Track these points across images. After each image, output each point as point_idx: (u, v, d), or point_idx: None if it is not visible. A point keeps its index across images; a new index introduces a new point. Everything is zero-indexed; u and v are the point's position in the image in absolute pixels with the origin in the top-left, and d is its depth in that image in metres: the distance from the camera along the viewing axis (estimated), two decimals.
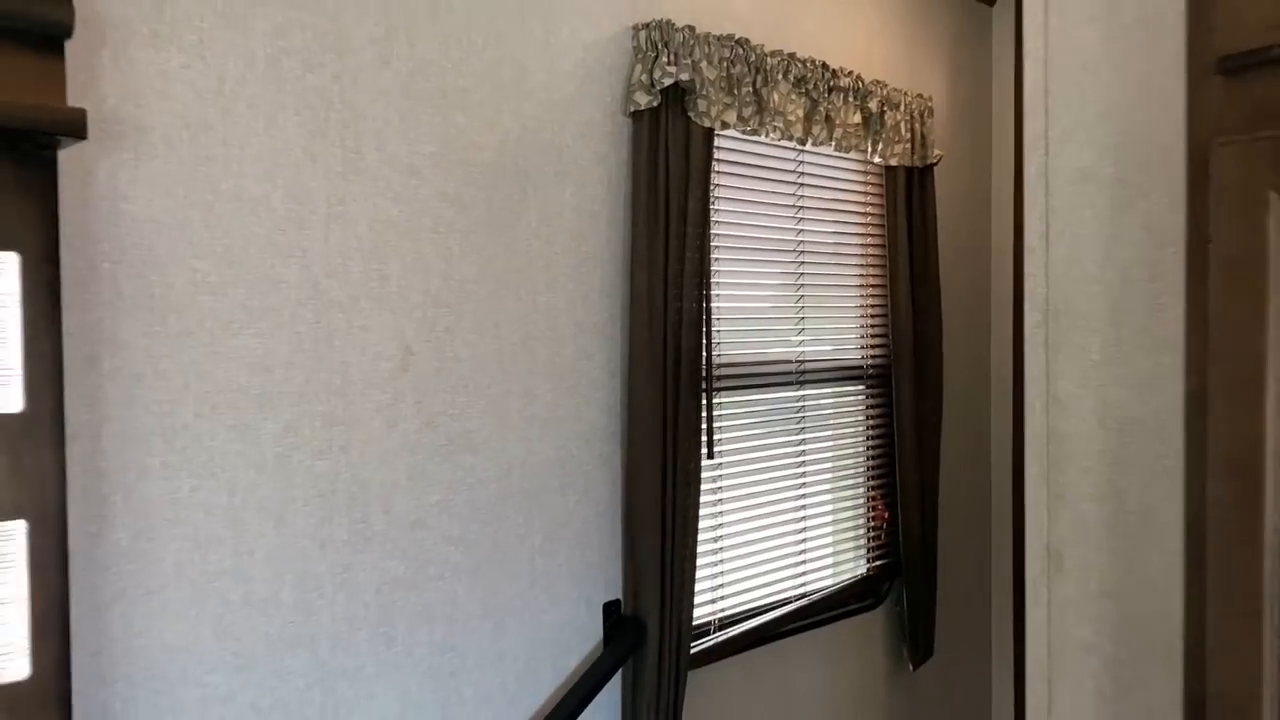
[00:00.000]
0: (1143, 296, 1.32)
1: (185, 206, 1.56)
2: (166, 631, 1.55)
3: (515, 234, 2.00)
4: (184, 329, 1.57)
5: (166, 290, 1.55)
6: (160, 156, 1.54)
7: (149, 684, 1.54)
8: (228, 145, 1.61)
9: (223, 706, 1.61)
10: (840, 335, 2.82)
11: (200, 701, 1.59)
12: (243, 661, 1.63)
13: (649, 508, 2.17)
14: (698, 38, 2.25)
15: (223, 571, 1.61)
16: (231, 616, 1.62)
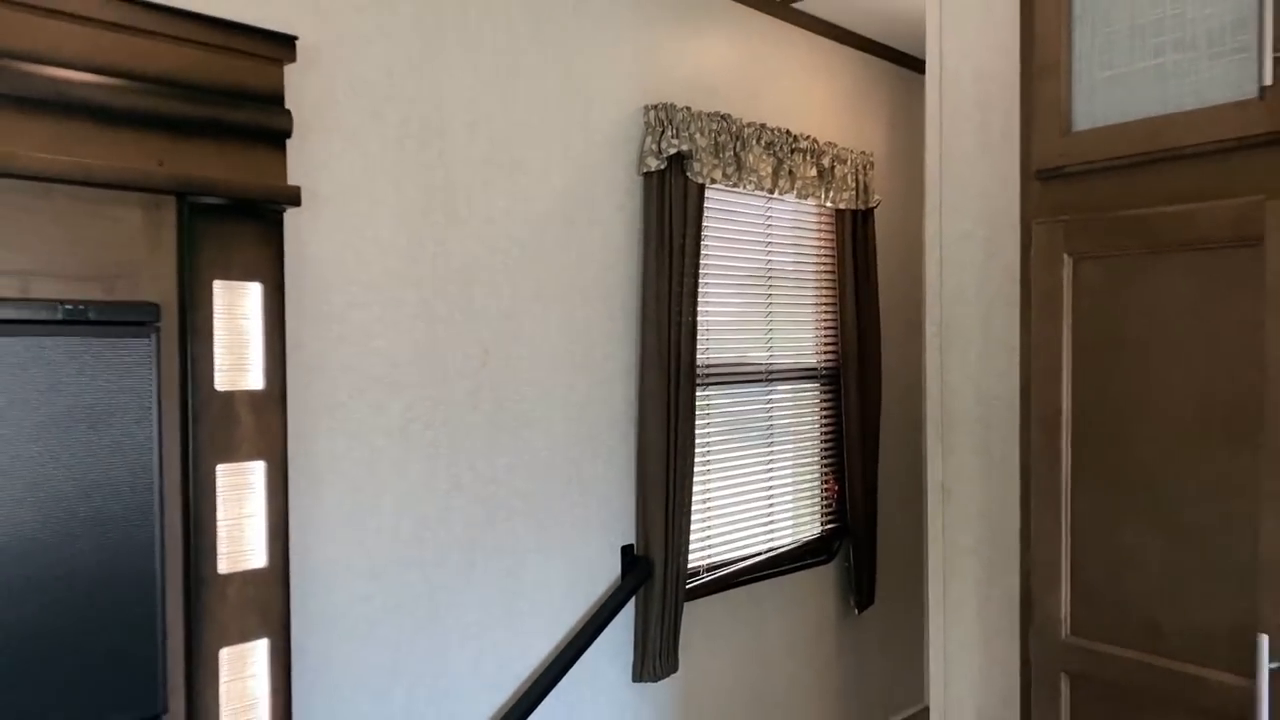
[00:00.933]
0: (1000, 317, 1.97)
1: (342, 249, 2.17)
2: (329, 547, 2.15)
3: (560, 266, 2.63)
4: (341, 335, 2.17)
5: (330, 307, 2.15)
6: (326, 214, 2.14)
7: (318, 584, 2.13)
8: (370, 204, 2.22)
9: (364, 604, 2.21)
10: (799, 343, 3.46)
11: (348, 600, 2.19)
12: (376, 573, 2.23)
13: (656, 473, 2.80)
14: (693, 115, 2.89)
15: (362, 508, 2.21)
16: (370, 541, 2.22)
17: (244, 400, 1.84)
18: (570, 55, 2.65)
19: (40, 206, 1.62)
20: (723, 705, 3.14)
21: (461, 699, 2.40)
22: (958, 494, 2.05)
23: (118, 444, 1.66)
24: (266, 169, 1.89)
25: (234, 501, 1.83)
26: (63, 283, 1.64)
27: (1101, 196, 1.66)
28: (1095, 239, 1.66)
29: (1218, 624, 1.51)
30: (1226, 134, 1.50)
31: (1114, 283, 1.64)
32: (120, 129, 1.69)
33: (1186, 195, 1.56)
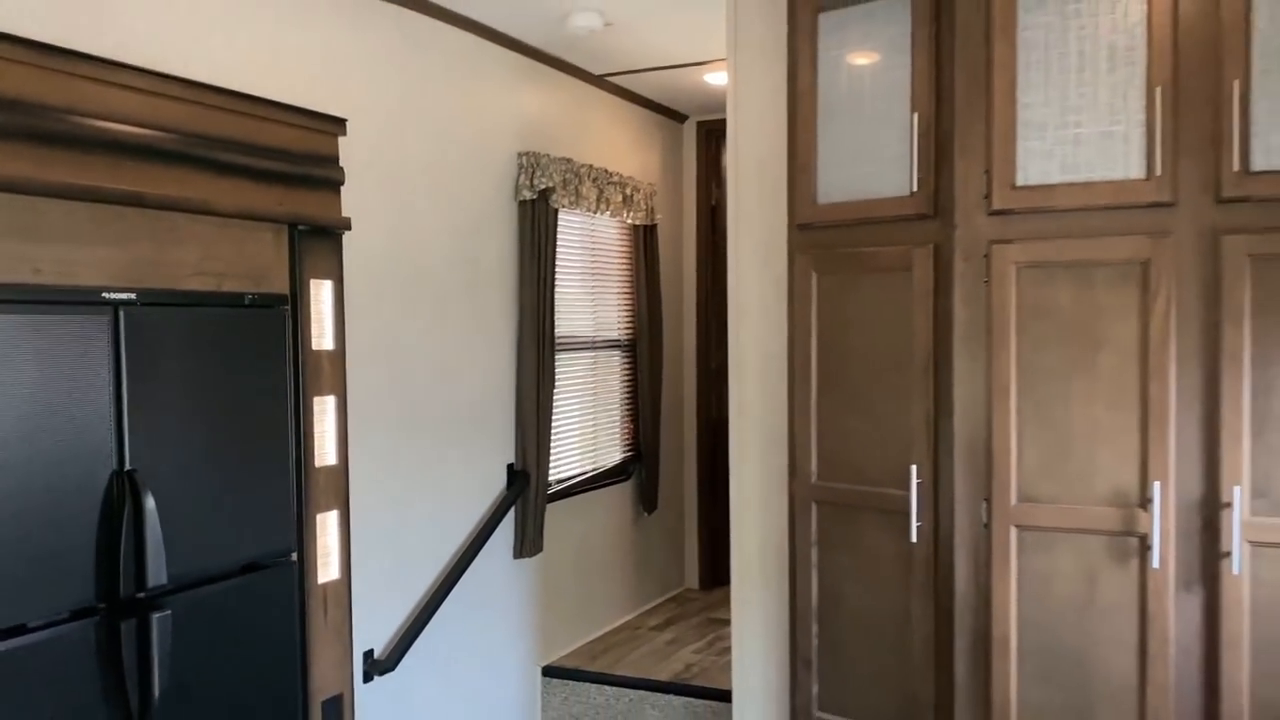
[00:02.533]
0: (773, 305, 3.26)
1: (353, 258, 3.12)
2: (360, 453, 3.11)
3: (471, 272, 3.68)
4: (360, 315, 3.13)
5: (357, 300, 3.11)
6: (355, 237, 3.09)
7: (355, 476, 3.09)
8: (367, 226, 3.18)
9: (375, 490, 3.19)
10: (610, 321, 4.68)
11: (367, 486, 3.16)
12: (382, 472, 3.21)
13: (529, 413, 3.92)
14: (551, 160, 4.02)
15: (374, 431, 3.18)
16: (376, 450, 3.20)
17: (324, 356, 2.80)
18: (470, 114, 3.71)
19: (224, 234, 2.52)
20: (567, 575, 4.32)
21: (421, 557, 3.44)
22: (747, 410, 3.34)
23: (268, 378, 2.59)
24: (331, 206, 2.84)
25: (320, 421, 2.79)
26: (235, 280, 2.55)
27: (833, 240, 2.97)
28: (829, 264, 2.98)
29: (892, 463, 2.86)
30: (895, 212, 2.84)
31: (839, 288, 2.96)
32: (260, 183, 2.61)
33: (876, 242, 2.89)
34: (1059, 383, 2.58)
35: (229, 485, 2.49)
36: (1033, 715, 2.62)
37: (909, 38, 2.78)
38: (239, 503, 2.52)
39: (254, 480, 2.56)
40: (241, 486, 2.52)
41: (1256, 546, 2.41)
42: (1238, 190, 2.40)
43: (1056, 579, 2.59)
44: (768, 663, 3.32)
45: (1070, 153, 2.57)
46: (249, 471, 2.54)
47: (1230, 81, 2.41)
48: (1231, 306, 2.42)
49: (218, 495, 2.45)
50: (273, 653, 2.60)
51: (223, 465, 2.47)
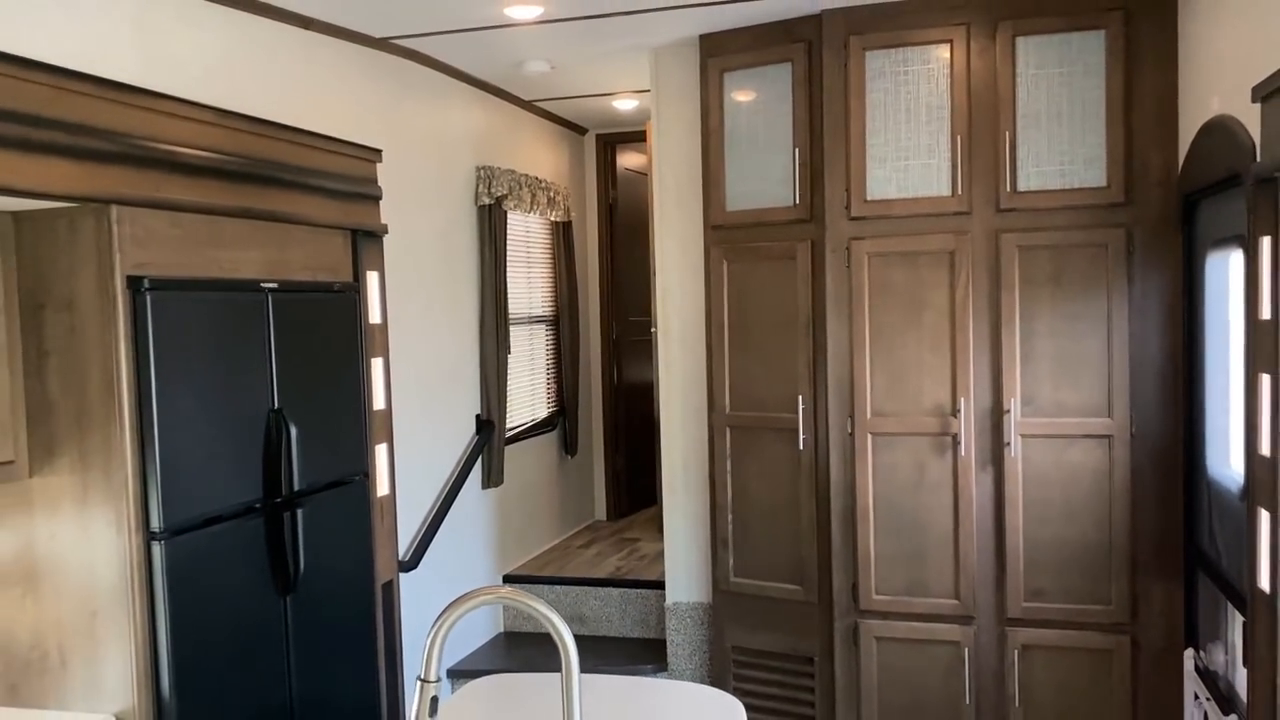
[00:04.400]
0: (691, 284, 4.31)
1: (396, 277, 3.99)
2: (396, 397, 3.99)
3: (448, 264, 4.59)
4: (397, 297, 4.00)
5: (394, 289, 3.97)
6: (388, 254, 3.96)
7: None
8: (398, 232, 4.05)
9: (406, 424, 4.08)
10: (540, 300, 5.65)
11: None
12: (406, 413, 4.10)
13: (491, 370, 4.86)
14: (501, 171, 4.95)
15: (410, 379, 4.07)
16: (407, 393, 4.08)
17: (375, 328, 3.68)
18: (443, 138, 4.61)
19: (316, 239, 3.38)
20: (517, 501, 5.28)
21: (426, 485, 4.35)
22: (673, 364, 4.41)
23: (347, 344, 3.47)
24: (375, 216, 3.72)
25: (374, 375, 3.67)
26: (324, 272, 3.41)
27: (739, 237, 4.05)
28: (736, 255, 4.06)
29: (784, 395, 3.97)
30: (784, 218, 3.94)
31: (743, 271, 4.05)
32: (334, 199, 3.48)
33: (770, 239, 3.99)
34: (898, 334, 3.75)
35: (330, 421, 3.35)
36: (885, 561, 3.80)
37: (790, 94, 3.88)
38: (336, 434, 3.39)
39: (342, 418, 3.43)
40: (337, 422, 3.40)
41: (1025, 437, 3.63)
42: (1010, 203, 3.62)
43: (898, 468, 3.77)
44: (691, 548, 4.40)
45: (903, 177, 3.74)
46: (339, 412, 3.42)
47: (1004, 131, 3.61)
48: (1006, 282, 3.63)
49: (325, 428, 3.32)
50: (356, 546, 3.49)
51: (326, 407, 3.33)
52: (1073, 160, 3.55)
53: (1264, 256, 2.28)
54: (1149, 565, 3.53)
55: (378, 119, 4.09)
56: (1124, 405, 3.52)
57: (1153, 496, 3.52)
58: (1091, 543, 3.58)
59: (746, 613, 4.10)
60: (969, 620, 3.71)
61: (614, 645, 4.74)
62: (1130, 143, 3.49)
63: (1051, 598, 3.63)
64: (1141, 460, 3.52)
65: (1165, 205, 3.46)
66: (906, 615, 3.78)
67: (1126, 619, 3.55)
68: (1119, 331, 3.51)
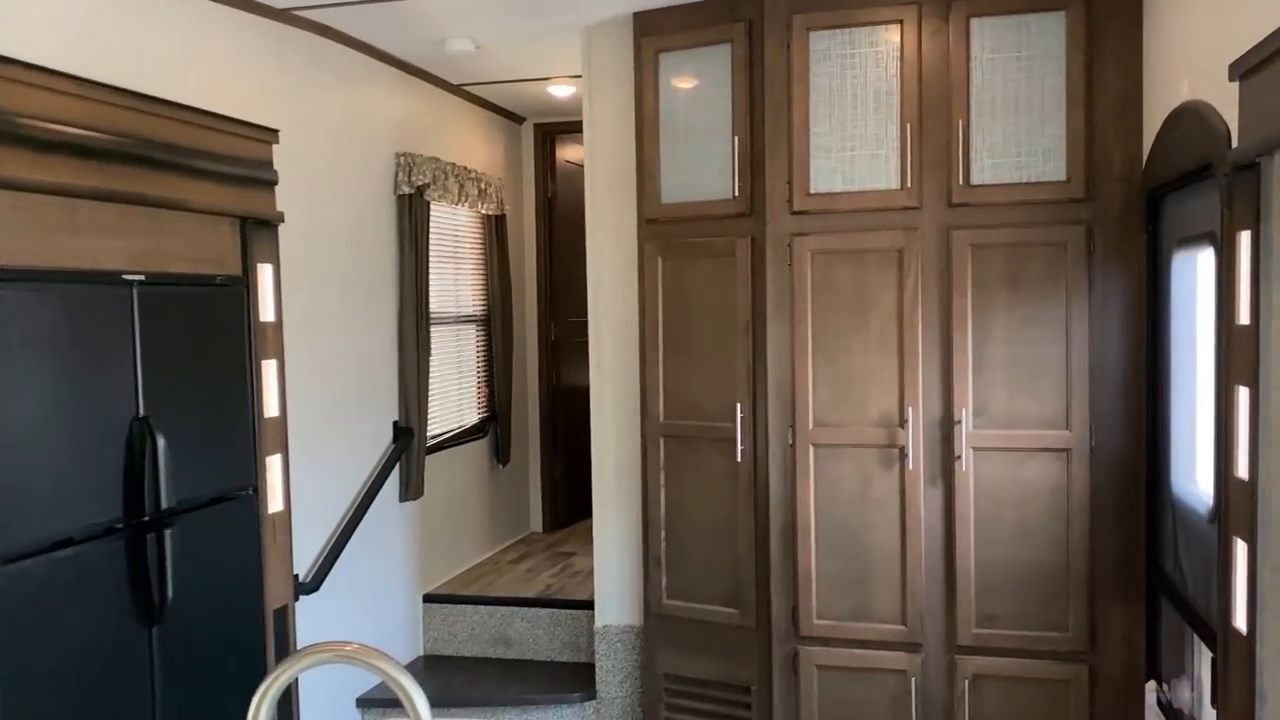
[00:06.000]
0: (624, 282, 4.03)
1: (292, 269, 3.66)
2: (295, 402, 3.66)
3: (362, 257, 4.26)
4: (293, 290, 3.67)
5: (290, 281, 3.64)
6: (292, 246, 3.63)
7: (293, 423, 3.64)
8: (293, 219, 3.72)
9: (307, 431, 3.75)
10: (469, 299, 5.33)
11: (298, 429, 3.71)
12: (307, 416, 3.77)
13: (411, 373, 4.53)
14: (424, 159, 4.63)
15: (311, 379, 3.73)
16: (308, 397, 3.75)
17: (268, 327, 3.35)
18: (358, 121, 4.29)
19: (198, 227, 3.05)
20: (441, 514, 4.96)
21: (333, 498, 4.02)
22: (604, 367, 4.11)
23: (232, 344, 3.14)
24: (269, 203, 3.39)
25: (266, 379, 3.34)
26: (207, 264, 3.08)
27: (674, 232, 3.77)
28: (671, 251, 3.78)
29: (722, 402, 3.70)
30: (722, 211, 3.67)
31: (679, 269, 3.77)
32: (222, 184, 3.14)
33: (708, 234, 3.71)
34: (842, 338, 3.49)
35: (209, 430, 3.03)
36: (827, 581, 3.53)
37: (730, 77, 3.61)
38: (215, 445, 3.06)
39: (224, 427, 3.10)
40: (216, 432, 3.07)
41: (977, 450, 3.39)
42: (962, 198, 3.37)
43: (842, 481, 3.51)
44: (623, 567, 4.12)
45: (849, 169, 3.48)
46: (221, 420, 3.09)
47: (957, 120, 3.36)
48: (958, 282, 3.38)
49: (202, 438, 2.99)
50: (241, 568, 3.16)
51: (205, 414, 3.01)
52: (1030, 152, 3.31)
53: (1241, 254, 2.04)
54: (1109, 589, 3.30)
55: (283, 99, 3.76)
56: (1083, 416, 3.29)
57: (1113, 515, 3.29)
58: (1047, 565, 3.34)
59: (680, 637, 3.82)
60: (916, 648, 3.46)
61: (541, 671, 4.44)
62: (1091, 134, 3.26)
63: (1004, 624, 3.39)
64: (1101, 476, 3.29)
65: (1128, 201, 3.23)
66: (849, 642, 3.52)
67: (1084, 647, 3.32)
68: (1078, 337, 3.28)
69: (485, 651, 4.61)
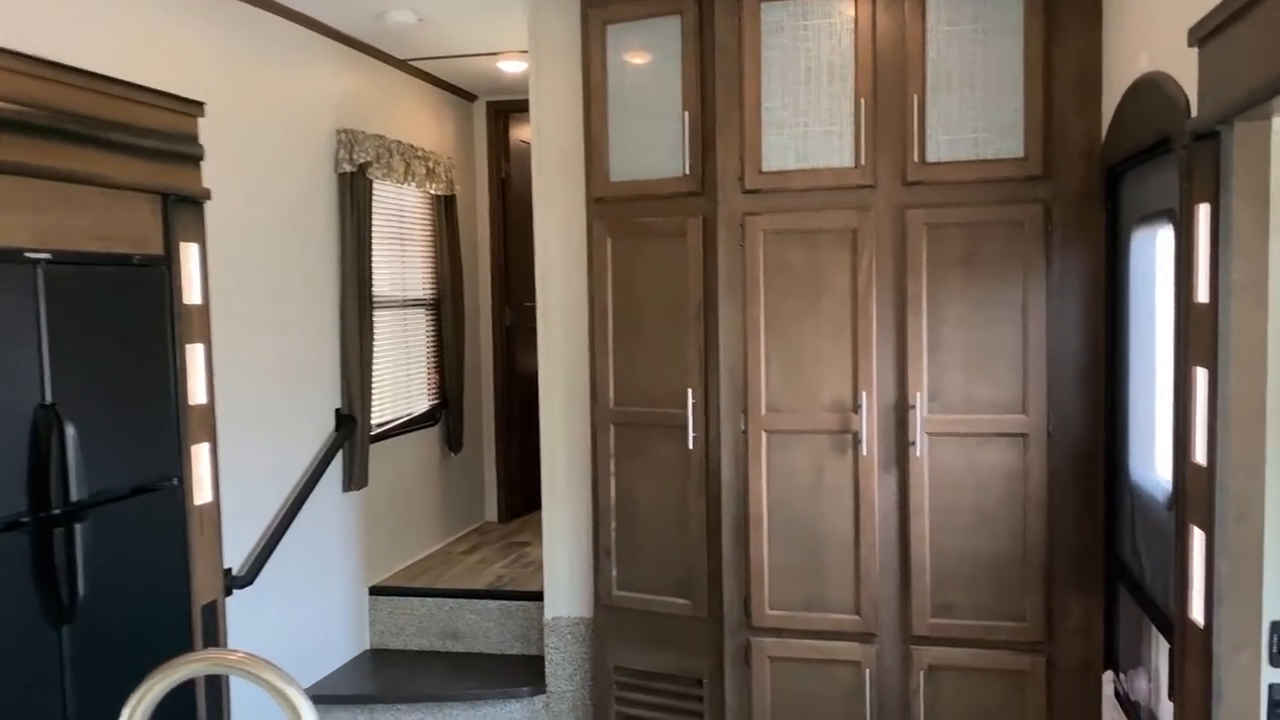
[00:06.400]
0: (574, 265, 3.90)
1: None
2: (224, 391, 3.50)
3: (301, 238, 4.10)
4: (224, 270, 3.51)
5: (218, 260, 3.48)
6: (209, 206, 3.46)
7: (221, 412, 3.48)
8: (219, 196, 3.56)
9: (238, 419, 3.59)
10: (417, 282, 5.18)
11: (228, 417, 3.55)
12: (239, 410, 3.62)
13: (353, 359, 4.38)
14: (366, 136, 4.47)
15: (238, 367, 3.58)
16: (237, 386, 3.60)
17: (193, 310, 3.19)
18: (297, 96, 4.12)
19: (114, 203, 2.88)
20: (388, 507, 4.82)
21: (269, 488, 3.87)
22: (554, 352, 3.99)
23: (152, 328, 2.99)
24: (195, 179, 3.23)
25: (191, 365, 3.19)
26: (123, 243, 2.92)
27: (624, 211, 3.65)
28: (621, 231, 3.65)
29: (673, 388, 3.58)
30: (672, 190, 3.54)
31: (629, 250, 3.65)
32: (141, 159, 2.98)
33: (658, 213, 3.59)
34: (795, 321, 3.39)
35: (126, 419, 2.87)
36: (780, 570, 3.44)
37: (680, 50, 3.48)
38: (134, 434, 2.91)
39: (145, 415, 2.95)
40: (135, 420, 2.91)
41: (932, 436, 3.30)
42: (917, 175, 3.27)
43: (795, 469, 3.41)
44: (572, 557, 4.00)
45: (802, 145, 3.37)
46: (141, 407, 2.93)
47: (912, 95, 3.26)
48: (913, 263, 3.28)
49: (118, 427, 2.84)
50: (164, 563, 3.01)
51: (121, 401, 2.85)
52: (987, 128, 3.21)
53: (1201, 228, 1.94)
54: (1066, 578, 3.22)
55: (212, 71, 3.60)
56: (1040, 401, 3.20)
57: (1071, 502, 3.21)
58: (1004, 553, 3.26)
59: (631, 629, 3.71)
60: (871, 638, 3.37)
61: (491, 664, 4.32)
62: (1050, 109, 3.16)
63: (960, 613, 3.30)
64: (1059, 462, 3.21)
65: (1087, 178, 3.14)
66: (803, 632, 3.43)
67: (1042, 637, 3.24)
68: (1035, 319, 3.19)
69: (433, 645, 4.48)
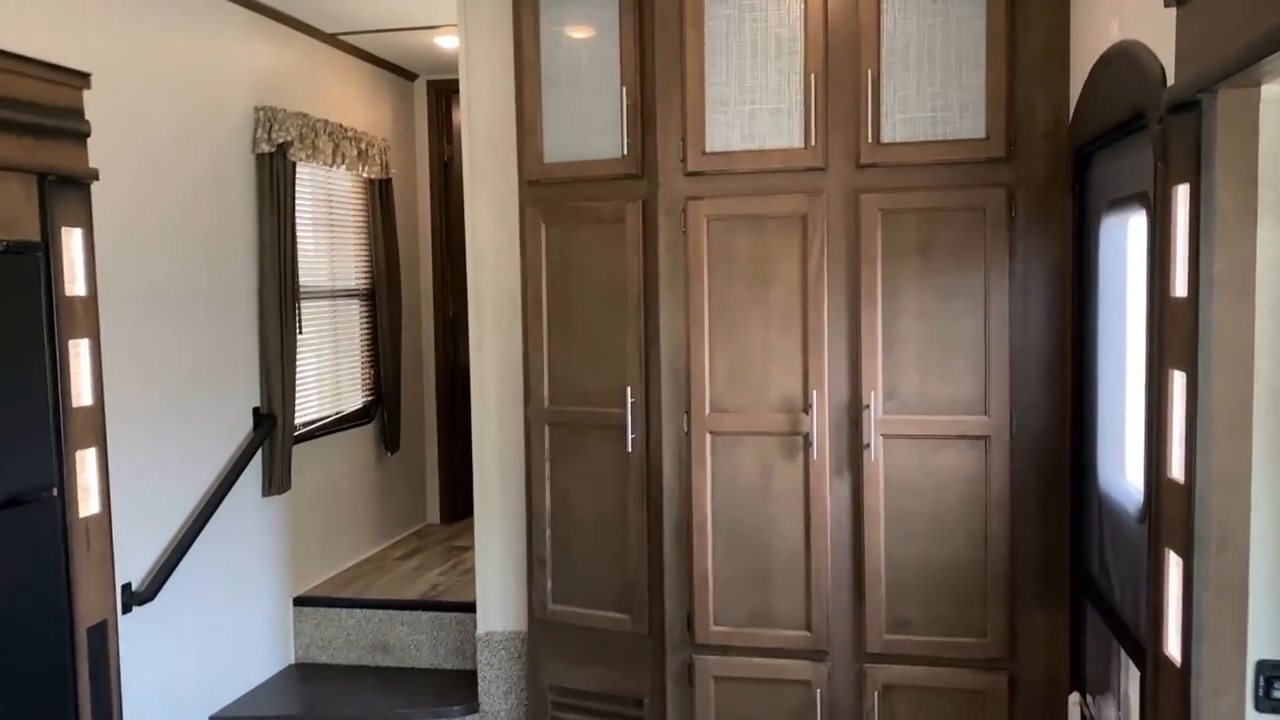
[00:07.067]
0: (506, 253, 3.64)
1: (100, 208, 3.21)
2: (119, 391, 3.22)
3: (212, 221, 3.81)
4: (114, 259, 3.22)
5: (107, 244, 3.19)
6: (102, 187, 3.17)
7: (113, 411, 3.19)
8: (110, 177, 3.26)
9: (133, 426, 3.30)
10: (349, 271, 4.89)
11: (124, 425, 3.27)
12: (139, 410, 3.33)
13: (274, 354, 4.10)
14: (288, 114, 4.17)
15: (137, 365, 3.29)
16: (135, 387, 3.31)
17: (77, 301, 2.90)
18: (207, 69, 3.82)
19: None
20: (315, 511, 4.54)
21: (175, 494, 3.59)
22: (486, 345, 3.73)
23: (24, 322, 2.70)
24: (79, 157, 2.93)
25: (75, 363, 2.90)
26: None
27: (559, 195, 3.39)
28: (556, 216, 3.40)
29: (611, 386, 3.33)
30: (610, 172, 3.29)
31: (564, 236, 3.39)
32: (8, 134, 2.69)
33: (596, 197, 3.33)
34: (741, 313, 3.15)
35: None
36: (725, 583, 3.21)
37: (618, 20, 3.22)
38: (3, 440, 2.63)
39: (13, 420, 2.66)
40: (4, 425, 2.63)
41: (887, 438, 3.08)
42: (871, 157, 3.04)
43: (741, 472, 3.18)
44: (505, 568, 3.76)
45: (748, 124, 3.12)
46: (8, 411, 2.65)
47: (866, 70, 3.02)
48: (867, 251, 3.06)
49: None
50: (38, 581, 2.73)
51: None
52: (946, 106, 2.99)
53: (1178, 213, 1.72)
54: (1030, 591, 3.02)
55: (103, 39, 3.32)
56: (1003, 400, 2.99)
57: (1035, 510, 3.00)
58: (964, 564, 3.05)
59: (567, 645, 3.47)
60: (822, 656, 3.16)
61: (422, 680, 4.07)
62: (1013, 86, 2.94)
63: (918, 629, 3.09)
64: (1023, 466, 3.00)
65: (1053, 160, 2.93)
66: (750, 650, 3.21)
67: (1004, 654, 3.04)
68: (998, 312, 2.98)
69: (362, 659, 4.22)
